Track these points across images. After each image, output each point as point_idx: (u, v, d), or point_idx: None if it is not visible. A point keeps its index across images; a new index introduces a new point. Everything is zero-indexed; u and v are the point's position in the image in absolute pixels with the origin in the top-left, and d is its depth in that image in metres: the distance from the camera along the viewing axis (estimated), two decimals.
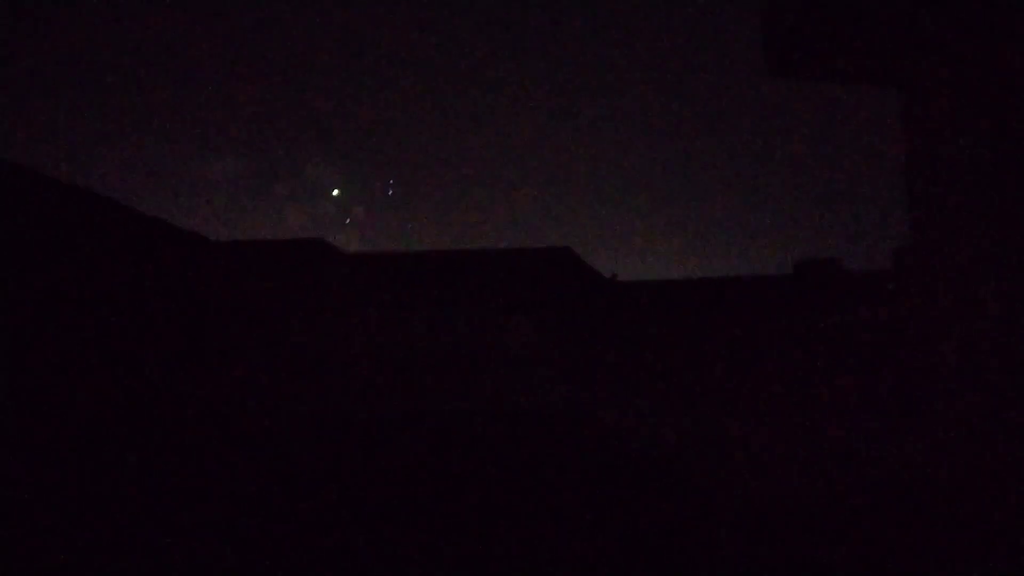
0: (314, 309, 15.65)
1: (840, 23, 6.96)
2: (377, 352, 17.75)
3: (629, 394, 15.11)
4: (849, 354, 8.53)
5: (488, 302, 19.33)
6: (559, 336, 19.41)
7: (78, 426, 6.75)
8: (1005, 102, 6.25)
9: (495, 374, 18.81)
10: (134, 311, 8.24)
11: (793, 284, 18.32)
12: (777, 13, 7.47)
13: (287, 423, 7.51)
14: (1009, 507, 2.69)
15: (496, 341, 19.50)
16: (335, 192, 48.64)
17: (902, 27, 6.91)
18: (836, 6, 6.88)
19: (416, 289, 18.05)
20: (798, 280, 18.22)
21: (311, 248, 15.93)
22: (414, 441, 5.58)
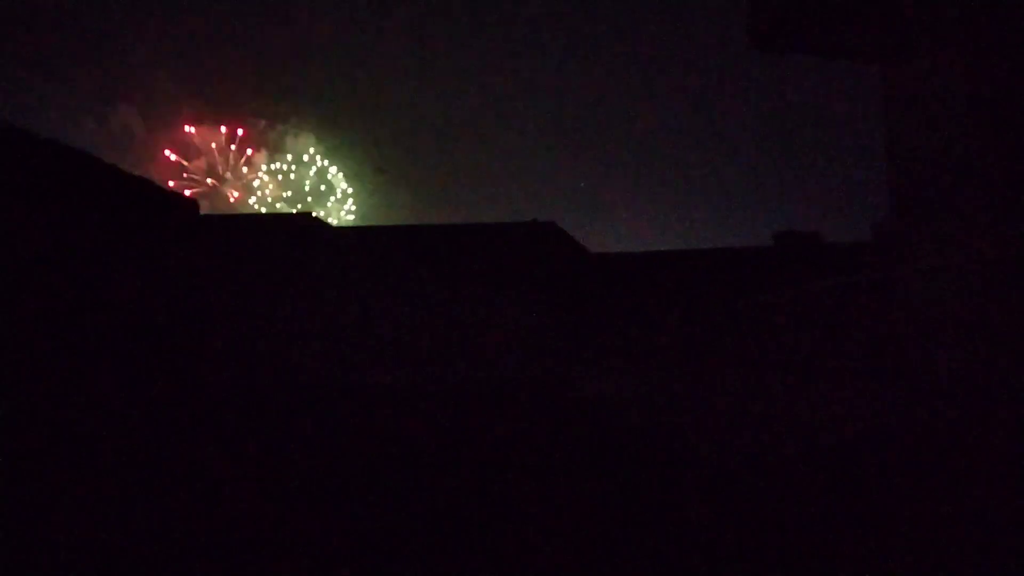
0: (303, 282, 15.75)
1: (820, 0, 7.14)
2: (365, 324, 17.90)
3: (613, 362, 15.37)
4: (827, 321, 8.81)
5: (474, 276, 19.51)
6: (544, 307, 19.66)
7: (69, 404, 6.85)
8: (983, 75, 6.47)
9: (481, 345, 19.04)
10: (123, 280, 8.32)
11: (773, 255, 18.67)
12: None
13: (277, 395, 7.67)
14: (987, 459, 2.92)
15: (482, 313, 19.72)
16: (341, 190, 48.29)
17: (880, 3, 7.11)
18: None
19: (404, 262, 18.19)
20: (778, 251, 18.57)
21: (302, 222, 16.01)
22: (398, 409, 5.76)
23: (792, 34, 7.60)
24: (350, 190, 45.19)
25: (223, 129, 44.43)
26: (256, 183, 44.45)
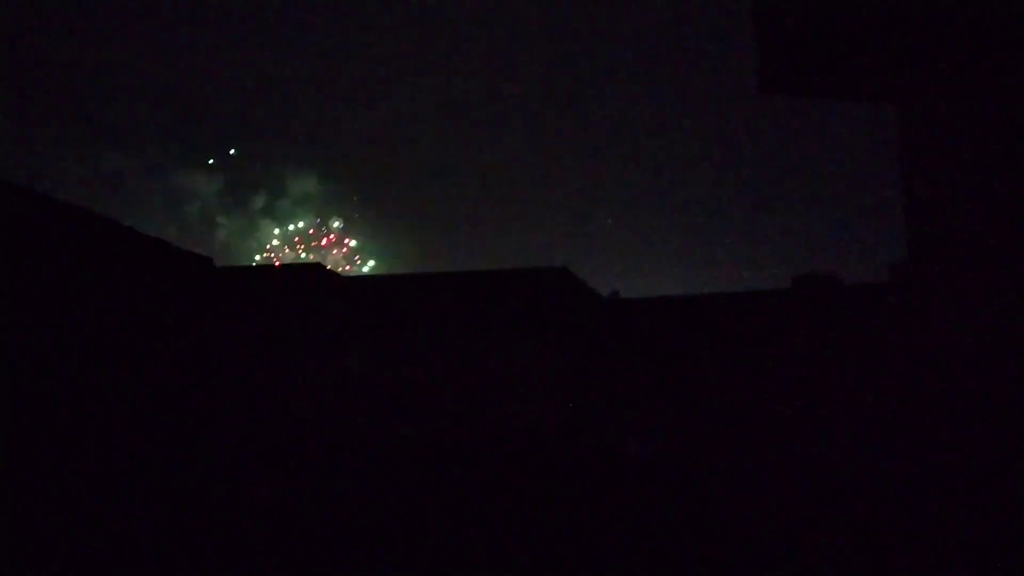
0: (312, 334, 15.66)
1: (831, 44, 7.04)
2: (374, 375, 17.70)
3: (629, 411, 15.05)
4: (848, 364, 8.55)
5: (486, 325, 19.30)
6: (558, 356, 19.36)
7: (83, 471, 6.69)
8: (1001, 116, 6.31)
9: (494, 395, 18.73)
10: (135, 336, 8.22)
11: (792, 298, 18.35)
12: (769, 33, 7.56)
13: (287, 446, 7.47)
14: (1003, 506, 2.72)
15: (494, 362, 19.44)
16: (336, 224, 48.22)
17: (894, 46, 7.00)
18: (827, 28, 6.96)
19: (413, 312, 18.05)
20: (797, 294, 18.25)
21: (309, 273, 15.99)
22: (412, 460, 5.57)
23: (803, 77, 7.51)
24: (352, 243, 45.13)
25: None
26: (255, 229, 44.56)
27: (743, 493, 3.48)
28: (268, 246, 47.61)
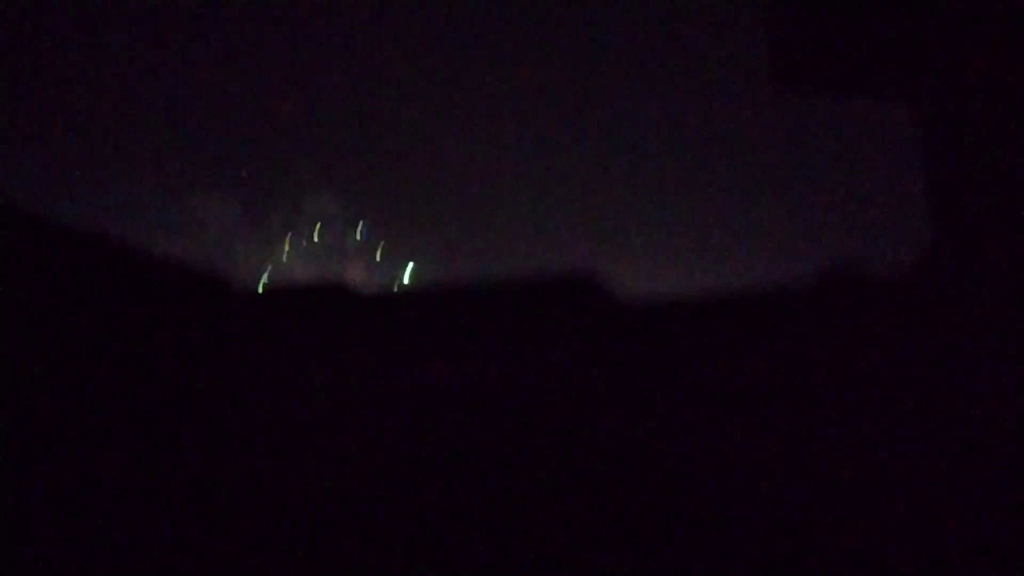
0: (337, 355, 15.60)
1: (845, 36, 6.92)
2: (400, 392, 17.64)
3: (655, 418, 14.88)
4: (874, 365, 8.43)
5: (509, 333, 19.13)
6: (582, 362, 19.19)
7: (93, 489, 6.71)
8: None
9: (518, 405, 18.62)
10: (149, 362, 8.23)
11: (816, 293, 18.09)
12: (779, 25, 7.44)
13: (311, 468, 7.47)
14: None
15: (518, 372, 19.31)
16: (359, 236, 48.23)
17: (913, 39, 6.88)
18: (839, 19, 6.85)
19: (437, 327, 17.99)
20: (820, 288, 17.99)
21: (331, 293, 15.97)
22: (440, 474, 5.56)
23: (818, 74, 7.36)
24: (378, 254, 45.26)
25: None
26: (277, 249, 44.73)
27: (757, 496, 3.43)
28: (286, 263, 47.81)
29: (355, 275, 44.57)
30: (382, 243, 44.67)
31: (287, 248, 44.80)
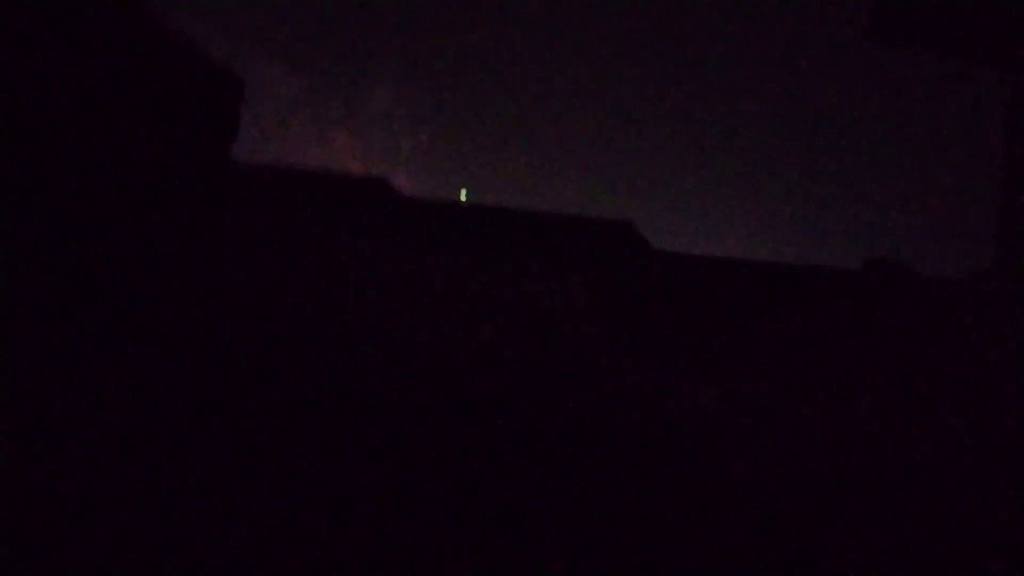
0: (367, 254, 15.55)
1: None
2: (428, 299, 17.65)
3: (671, 368, 14.75)
4: (908, 357, 8.10)
5: (543, 266, 18.98)
6: (613, 308, 19.04)
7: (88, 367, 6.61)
8: None
9: (544, 332, 18.60)
10: (159, 238, 8.07)
11: (859, 281, 17.56)
12: None
13: (332, 372, 7.37)
14: None
15: (548, 306, 19.24)
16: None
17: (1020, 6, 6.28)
18: None
19: (471, 242, 17.82)
20: (865, 278, 17.45)
21: (370, 187, 15.74)
22: (459, 383, 5.42)
23: (917, 29, 6.82)
24: (423, 143, 44.54)
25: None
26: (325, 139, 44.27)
27: (771, 476, 3.20)
28: (339, 156, 47.45)
29: (401, 180, 44.21)
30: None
31: (341, 139, 44.50)
